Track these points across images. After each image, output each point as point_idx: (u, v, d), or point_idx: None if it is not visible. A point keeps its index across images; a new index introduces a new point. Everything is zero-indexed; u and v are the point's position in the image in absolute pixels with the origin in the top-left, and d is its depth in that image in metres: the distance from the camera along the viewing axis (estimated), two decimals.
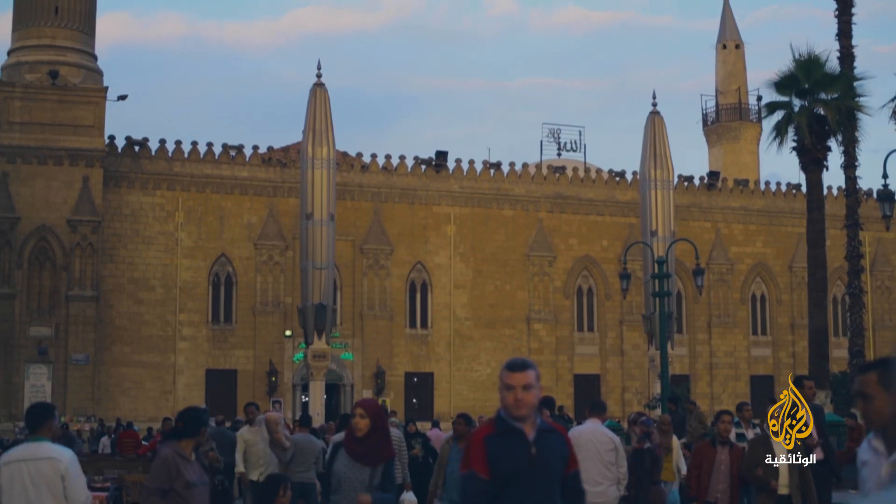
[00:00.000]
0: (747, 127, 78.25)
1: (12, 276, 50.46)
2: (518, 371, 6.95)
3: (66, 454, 9.17)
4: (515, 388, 6.91)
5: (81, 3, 53.85)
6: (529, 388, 6.92)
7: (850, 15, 44.23)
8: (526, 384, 6.92)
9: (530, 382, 6.92)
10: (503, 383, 6.98)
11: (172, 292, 54.59)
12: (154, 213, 54.76)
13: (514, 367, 7.00)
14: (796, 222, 62.96)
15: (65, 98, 51.70)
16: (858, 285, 43.17)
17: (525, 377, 6.92)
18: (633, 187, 61.93)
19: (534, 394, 6.96)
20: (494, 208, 60.98)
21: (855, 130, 42.33)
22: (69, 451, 9.30)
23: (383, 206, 58.85)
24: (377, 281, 58.04)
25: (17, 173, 51.02)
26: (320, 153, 45.67)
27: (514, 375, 6.93)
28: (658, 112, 52.59)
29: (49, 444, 9.19)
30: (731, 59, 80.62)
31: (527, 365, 7.01)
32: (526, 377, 6.93)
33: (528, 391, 6.92)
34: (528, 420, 6.99)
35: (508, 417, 6.98)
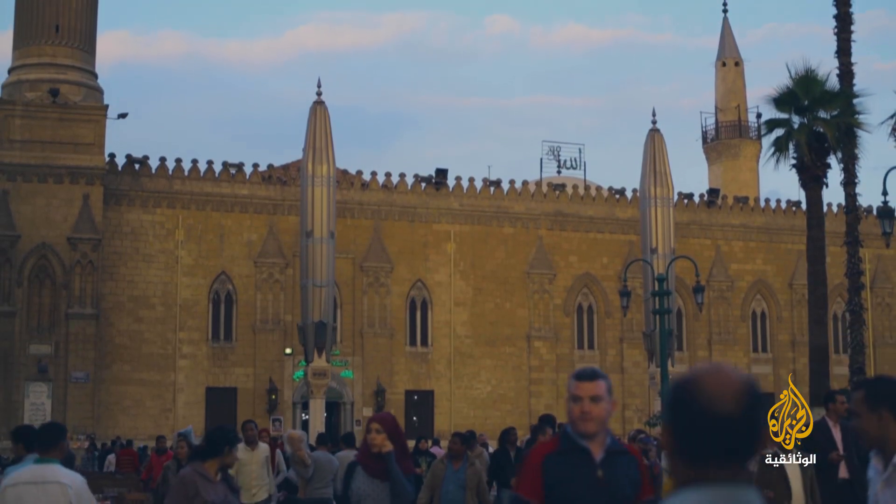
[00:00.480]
0: (747, 144, 78.29)
1: (12, 293, 50.44)
2: (587, 380, 6.28)
3: (76, 479, 8.80)
4: (583, 399, 6.22)
5: (82, 21, 53.94)
6: (599, 401, 6.23)
7: (850, 32, 44.27)
8: (595, 395, 6.23)
9: (600, 394, 6.24)
10: (570, 394, 6.33)
11: (172, 310, 54.56)
12: (154, 230, 54.77)
13: (583, 376, 6.35)
14: (796, 239, 62.95)
15: (65, 116, 51.77)
16: (859, 302, 43.09)
17: (594, 387, 6.24)
18: (633, 205, 61.94)
19: (604, 407, 6.24)
20: (494, 226, 61.00)
21: (855, 147, 42.32)
22: (79, 477, 8.95)
23: (383, 223, 58.86)
24: (377, 298, 58.01)
25: (18, 191, 51.06)
26: (320, 171, 45.74)
27: (581, 385, 6.26)
28: (658, 129, 52.65)
29: (59, 468, 8.84)
30: (731, 76, 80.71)
31: (597, 374, 6.36)
32: (595, 387, 6.25)
33: (598, 403, 6.23)
34: (596, 438, 6.26)
35: (575, 433, 6.26)
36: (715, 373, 3.29)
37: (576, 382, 6.28)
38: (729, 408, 3.23)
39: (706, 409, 3.24)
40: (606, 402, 6.24)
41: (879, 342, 67.02)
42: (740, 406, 3.24)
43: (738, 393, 3.25)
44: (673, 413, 3.33)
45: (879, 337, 67.25)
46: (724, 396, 3.24)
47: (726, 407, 3.23)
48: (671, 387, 3.38)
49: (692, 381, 3.30)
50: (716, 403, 3.24)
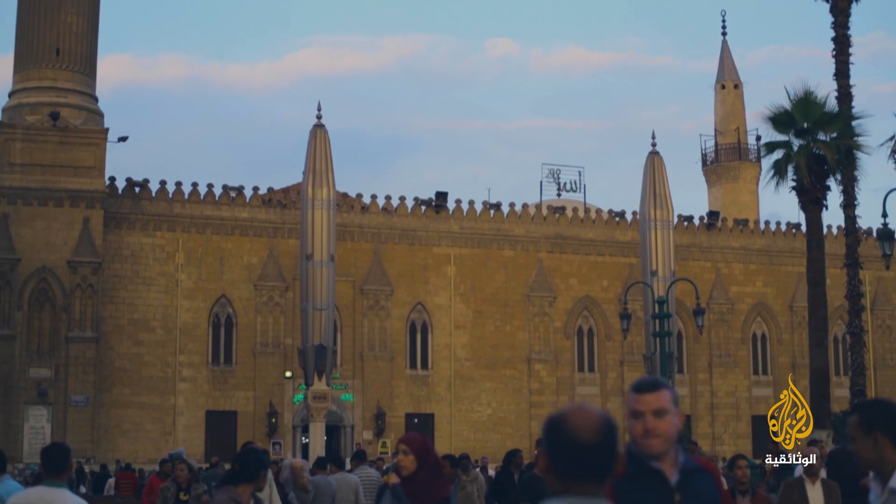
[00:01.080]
0: (746, 166, 78.38)
1: (12, 317, 50.42)
2: (648, 392, 5.43)
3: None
4: (644, 414, 5.39)
5: (82, 45, 54.07)
6: (664, 414, 5.39)
7: (848, 55, 44.39)
8: (659, 409, 5.39)
9: (664, 406, 5.40)
10: (629, 409, 5.50)
11: (172, 333, 54.53)
12: (154, 254, 54.78)
13: (643, 386, 5.49)
14: (796, 261, 62.98)
15: (65, 140, 51.83)
16: (859, 324, 43.10)
17: (657, 399, 5.40)
18: (632, 227, 61.96)
19: (670, 421, 5.40)
20: (494, 249, 61.01)
21: (854, 169, 42.40)
22: (83, 503, 8.69)
23: (383, 246, 58.88)
24: (377, 322, 57.99)
25: (18, 214, 51.09)
26: (320, 194, 45.73)
27: (642, 398, 5.42)
28: (657, 152, 52.68)
29: (68, 493, 8.55)
30: (730, 98, 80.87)
31: (660, 384, 5.51)
32: (659, 399, 5.40)
33: (663, 418, 5.38)
34: (666, 457, 5.46)
35: (641, 455, 5.44)
36: (579, 410, 4.24)
37: (635, 395, 5.45)
38: (588, 437, 4.18)
39: (572, 438, 4.18)
40: (673, 416, 5.41)
41: (880, 364, 66.93)
42: (598, 436, 4.19)
43: (596, 426, 4.20)
44: (547, 440, 4.22)
45: (880, 359, 67.16)
46: (585, 429, 4.18)
47: (586, 437, 4.18)
48: (546, 420, 4.26)
49: (562, 416, 4.23)
50: (579, 434, 4.18)
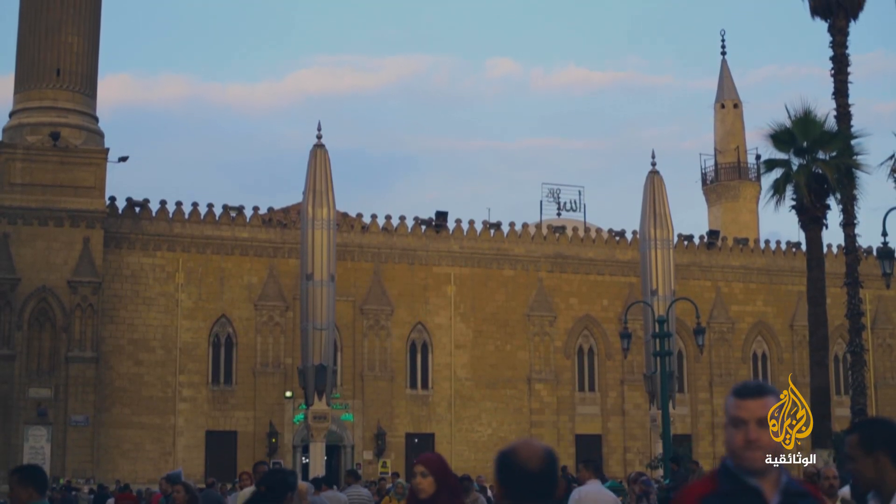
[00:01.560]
0: (746, 186, 78.44)
1: (12, 337, 50.37)
2: (751, 398, 4.83)
3: None
4: (748, 422, 4.78)
5: (83, 65, 54.15)
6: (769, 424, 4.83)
7: (847, 74, 44.44)
8: (764, 417, 4.81)
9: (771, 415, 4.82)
10: (729, 416, 4.87)
11: (172, 353, 54.48)
12: (154, 274, 54.76)
13: (747, 392, 4.88)
14: (796, 280, 62.95)
15: (66, 160, 51.87)
16: (860, 343, 43.02)
17: (763, 406, 4.82)
18: (633, 247, 61.99)
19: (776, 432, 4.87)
20: (494, 268, 60.99)
21: (854, 188, 42.37)
22: None
23: (383, 266, 58.88)
24: (377, 341, 57.94)
25: (18, 234, 51.09)
26: (320, 214, 45.85)
27: (745, 404, 4.82)
28: (657, 171, 52.79)
29: None
30: (730, 118, 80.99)
31: (765, 390, 4.90)
32: (764, 406, 4.82)
33: (768, 428, 4.82)
34: (768, 475, 4.83)
35: (739, 469, 4.80)
36: (526, 444, 4.93)
37: (737, 401, 4.83)
38: (534, 466, 4.87)
39: (521, 468, 4.88)
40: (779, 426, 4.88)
41: (881, 383, 66.86)
42: (542, 465, 4.87)
43: (541, 457, 4.88)
44: (499, 470, 4.94)
45: (881, 378, 67.10)
46: (531, 459, 4.88)
47: (533, 465, 4.87)
48: (498, 454, 4.95)
49: (512, 450, 4.95)
50: (527, 464, 4.88)
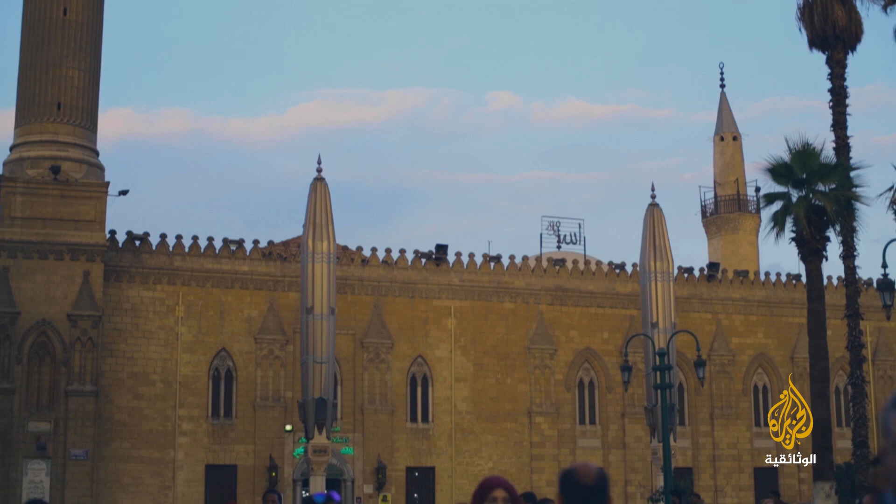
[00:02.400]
0: (746, 218, 78.54)
1: (11, 371, 50.30)
2: None
3: None
4: None
5: (84, 99, 54.31)
6: None
7: (845, 106, 44.67)
8: None
9: None
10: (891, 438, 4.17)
11: (172, 387, 54.40)
12: (154, 307, 54.74)
13: None
14: (797, 312, 62.93)
15: (66, 193, 51.94)
16: (860, 375, 43.05)
17: None
18: (633, 279, 62.02)
19: None
20: (495, 301, 60.98)
21: (853, 220, 42.46)
22: None
23: (384, 299, 58.86)
24: (378, 375, 57.86)
25: (18, 268, 51.10)
26: (321, 247, 45.87)
27: None
28: (657, 204, 52.83)
29: None
30: (729, 150, 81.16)
31: None
32: None
33: None
34: None
35: None
36: (584, 465, 5.90)
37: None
38: (590, 482, 5.80)
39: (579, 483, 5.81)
40: None
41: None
42: (596, 482, 5.81)
43: (595, 475, 5.83)
44: (562, 485, 5.86)
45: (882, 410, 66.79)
46: (587, 476, 5.81)
47: (589, 481, 5.80)
48: (562, 471, 5.92)
49: (573, 469, 5.88)
50: (584, 479, 5.82)
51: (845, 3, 46.42)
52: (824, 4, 46.27)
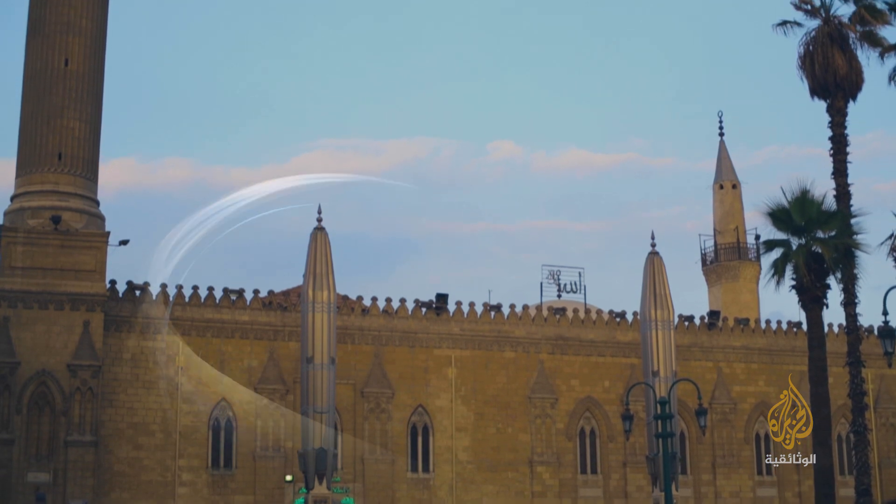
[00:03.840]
0: (746, 266, 78.64)
1: (11, 421, 50.11)
2: None
3: None
4: None
5: (85, 149, 54.47)
6: None
7: (845, 154, 44.88)
8: None
9: None
10: None
11: (172, 437, 54.19)
12: (154, 357, 54.62)
13: None
14: (798, 360, 62.80)
15: (67, 243, 51.98)
16: (863, 423, 42.94)
17: None
18: (633, 328, 61.99)
19: None
20: (495, 350, 60.90)
21: (853, 268, 42.57)
22: None
23: (384, 349, 58.78)
24: (378, 424, 57.68)
25: (19, 318, 51.04)
26: (321, 297, 45.93)
27: None
28: (657, 252, 52.88)
29: None
30: (729, 199, 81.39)
31: None
32: None
33: None
34: None
35: None
36: None
37: None
38: None
39: None
40: None
41: (885, 463, 66.41)
42: None
43: None
44: None
45: (885, 458, 66.66)
46: None
47: None
48: None
49: None
50: None
51: (846, 52, 46.77)
52: (825, 53, 46.61)
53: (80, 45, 55.06)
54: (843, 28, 47.56)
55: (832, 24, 47.60)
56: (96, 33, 55.98)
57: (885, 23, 47.86)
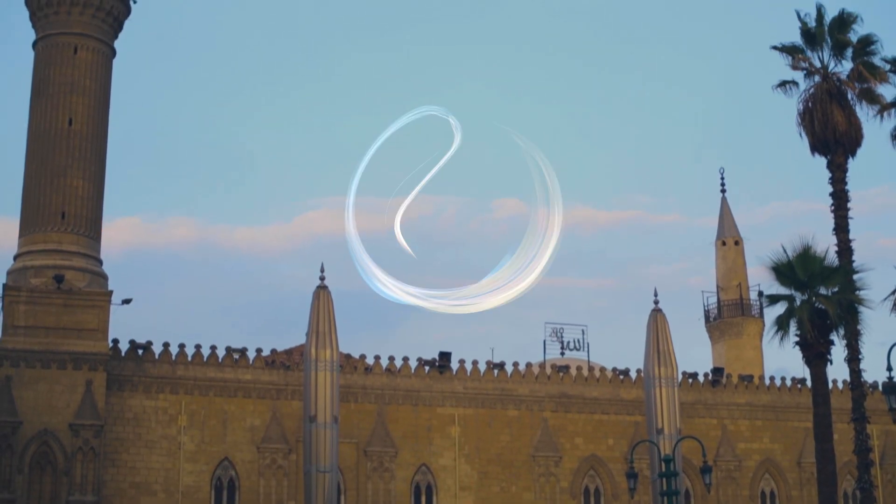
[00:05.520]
0: (749, 322, 78.57)
1: (13, 481, 49.89)
2: None
3: None
4: None
5: (88, 208, 54.67)
6: None
7: (846, 210, 45.01)
8: None
9: None
10: None
11: (174, 497, 53.92)
12: (157, 416, 54.50)
13: None
14: (803, 417, 62.58)
15: (69, 302, 52.02)
16: (868, 480, 42.77)
17: None
18: (637, 385, 61.84)
19: None
20: (499, 408, 60.72)
21: (857, 324, 42.58)
22: None
23: (387, 408, 58.63)
24: (381, 484, 57.40)
25: (21, 377, 50.97)
26: (324, 355, 45.99)
27: None
28: (660, 309, 52.95)
29: None
30: (731, 255, 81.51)
31: None
32: None
33: None
34: None
35: None
36: None
37: None
38: None
39: None
40: None
41: None
42: None
43: None
44: None
45: None
46: None
47: None
48: None
49: None
50: None
51: (845, 109, 47.06)
52: (824, 110, 46.90)
53: (84, 105, 55.47)
54: (842, 85, 47.88)
55: (831, 82, 47.93)
56: (100, 93, 56.40)
57: (883, 80, 48.19)
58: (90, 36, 56.25)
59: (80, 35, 56.03)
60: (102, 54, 56.78)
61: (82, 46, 56.02)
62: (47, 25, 56.24)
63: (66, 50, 55.84)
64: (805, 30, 48.95)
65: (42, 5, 56.22)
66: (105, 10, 56.56)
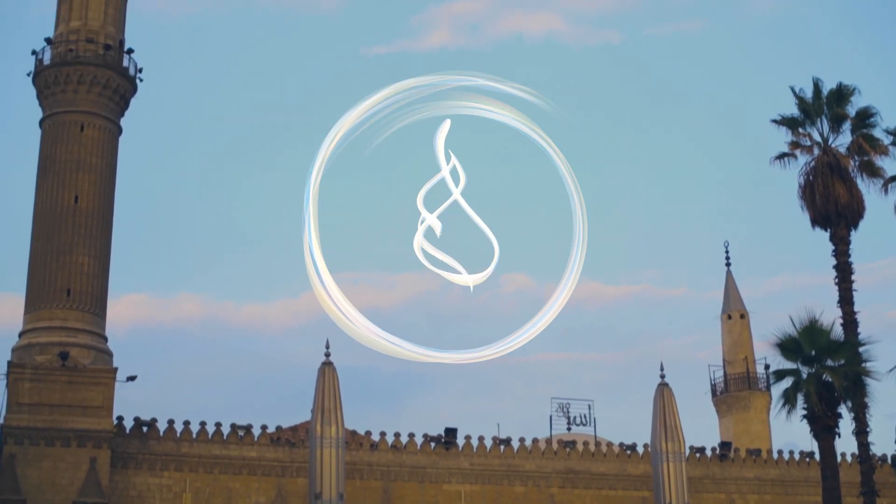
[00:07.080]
0: (756, 396, 78.32)
1: None
2: None
3: None
4: None
5: (93, 285, 54.78)
6: None
7: (850, 282, 45.04)
8: None
9: None
10: None
11: None
12: (161, 494, 54.20)
13: None
14: (812, 491, 62.10)
15: (74, 379, 51.96)
16: None
17: None
18: (644, 460, 61.50)
19: None
20: (505, 485, 60.35)
21: (864, 396, 42.48)
22: None
23: (393, 484, 58.32)
24: None
25: (25, 455, 50.77)
26: (329, 432, 45.73)
27: None
28: (667, 384, 52.78)
29: None
30: (737, 329, 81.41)
31: None
32: None
33: None
34: None
35: None
36: None
37: None
38: None
39: None
40: None
41: None
42: None
43: None
44: None
45: None
46: None
47: None
48: None
49: None
50: None
51: (846, 182, 47.21)
52: (825, 183, 47.05)
53: (90, 183, 55.79)
54: (842, 159, 48.04)
55: (830, 155, 48.11)
56: (106, 171, 56.74)
57: (882, 153, 48.36)
58: (97, 114, 56.71)
59: (86, 113, 56.49)
60: (109, 132, 57.20)
61: (89, 124, 56.45)
62: (54, 104, 56.73)
63: (72, 128, 56.25)
64: (802, 106, 49.20)
65: (49, 83, 56.75)
66: (111, 88, 57.10)
